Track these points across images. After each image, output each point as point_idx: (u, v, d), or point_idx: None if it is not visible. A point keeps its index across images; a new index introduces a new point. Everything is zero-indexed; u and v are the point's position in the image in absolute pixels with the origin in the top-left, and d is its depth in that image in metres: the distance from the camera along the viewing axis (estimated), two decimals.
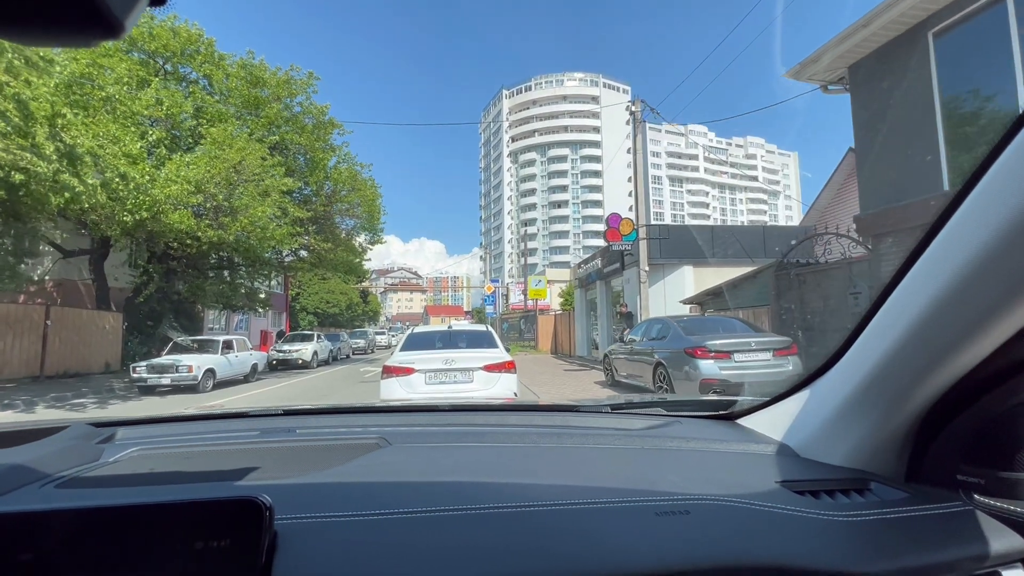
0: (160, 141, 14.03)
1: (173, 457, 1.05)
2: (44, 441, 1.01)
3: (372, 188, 22.97)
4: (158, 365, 12.54)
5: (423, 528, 0.71)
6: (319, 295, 45.41)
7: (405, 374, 5.85)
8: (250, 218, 13.78)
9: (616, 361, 11.28)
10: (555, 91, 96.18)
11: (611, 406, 1.58)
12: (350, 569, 0.63)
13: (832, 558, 0.69)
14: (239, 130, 15.44)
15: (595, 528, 0.72)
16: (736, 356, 7.72)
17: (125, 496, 0.78)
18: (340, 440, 1.17)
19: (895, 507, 0.80)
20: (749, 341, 7.87)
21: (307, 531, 0.68)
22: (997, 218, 0.59)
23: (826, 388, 0.99)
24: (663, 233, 14.95)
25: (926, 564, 0.70)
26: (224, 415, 1.56)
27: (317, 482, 0.86)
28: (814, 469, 0.95)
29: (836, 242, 8.88)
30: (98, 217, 11.99)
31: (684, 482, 0.87)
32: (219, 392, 12.82)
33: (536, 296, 29.64)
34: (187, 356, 13.20)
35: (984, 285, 0.63)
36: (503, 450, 1.13)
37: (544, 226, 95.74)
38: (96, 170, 9.79)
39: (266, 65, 17.81)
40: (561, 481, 0.88)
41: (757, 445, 1.11)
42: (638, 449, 1.13)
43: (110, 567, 0.56)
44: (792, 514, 0.78)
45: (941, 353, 0.72)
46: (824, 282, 8.89)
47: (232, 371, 14.41)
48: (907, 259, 0.74)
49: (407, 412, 1.66)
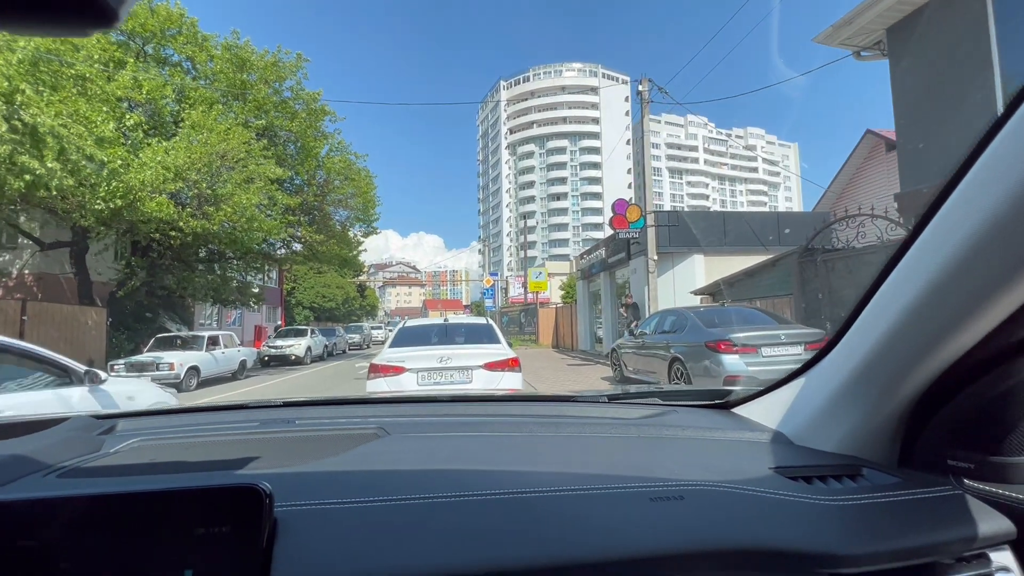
0: (138, 126, 13.17)
1: (173, 447, 1.07)
2: (45, 432, 1.03)
3: (367, 179, 22.18)
4: (137, 363, 11.82)
5: (422, 514, 0.70)
6: (315, 289, 44.71)
7: (395, 373, 5.15)
8: (234, 206, 12.96)
9: (625, 356, 10.56)
10: (553, 82, 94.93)
11: (608, 396, 1.57)
12: (350, 554, 0.62)
13: (825, 541, 0.70)
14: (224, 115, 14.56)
15: (590, 513, 0.73)
16: (764, 350, 6.97)
17: (126, 484, 0.76)
18: (339, 430, 1.19)
19: (887, 491, 0.81)
20: (778, 334, 7.12)
21: (307, 517, 0.68)
22: (986, 206, 0.59)
23: (820, 376, 0.99)
24: (672, 220, 14.14)
25: (917, 546, 0.71)
26: (223, 407, 1.56)
27: (316, 471, 0.86)
28: (807, 456, 0.96)
29: (872, 224, 8.11)
30: (69, 205, 11.19)
31: (679, 469, 0.88)
32: (203, 391, 12.11)
33: (537, 289, 28.94)
34: (169, 353, 12.46)
35: (974, 273, 0.63)
36: (501, 439, 1.13)
37: (543, 219, 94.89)
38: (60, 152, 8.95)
39: (252, 47, 16.91)
40: (558, 468, 0.88)
41: (751, 433, 1.12)
42: (634, 437, 1.14)
43: (112, 553, 0.56)
44: (785, 499, 0.78)
45: (933, 340, 0.73)
46: (857, 268, 8.09)
47: (218, 368, 13.72)
48: (900, 247, 0.74)
49: (405, 403, 1.71)
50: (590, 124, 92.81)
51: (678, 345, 8.22)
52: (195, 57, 16.31)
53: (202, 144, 12.66)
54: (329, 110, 19.21)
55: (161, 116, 14.81)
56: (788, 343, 7.06)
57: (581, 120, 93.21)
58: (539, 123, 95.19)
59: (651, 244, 13.46)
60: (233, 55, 16.43)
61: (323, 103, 18.80)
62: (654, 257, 13.54)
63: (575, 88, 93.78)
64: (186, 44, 16.07)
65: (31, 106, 8.58)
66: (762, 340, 7.04)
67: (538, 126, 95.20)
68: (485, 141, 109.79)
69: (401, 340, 5.93)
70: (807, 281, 9.45)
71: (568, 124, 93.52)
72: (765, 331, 7.28)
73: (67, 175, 9.52)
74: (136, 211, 11.69)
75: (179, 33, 16.03)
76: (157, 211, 11.95)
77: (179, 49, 16.10)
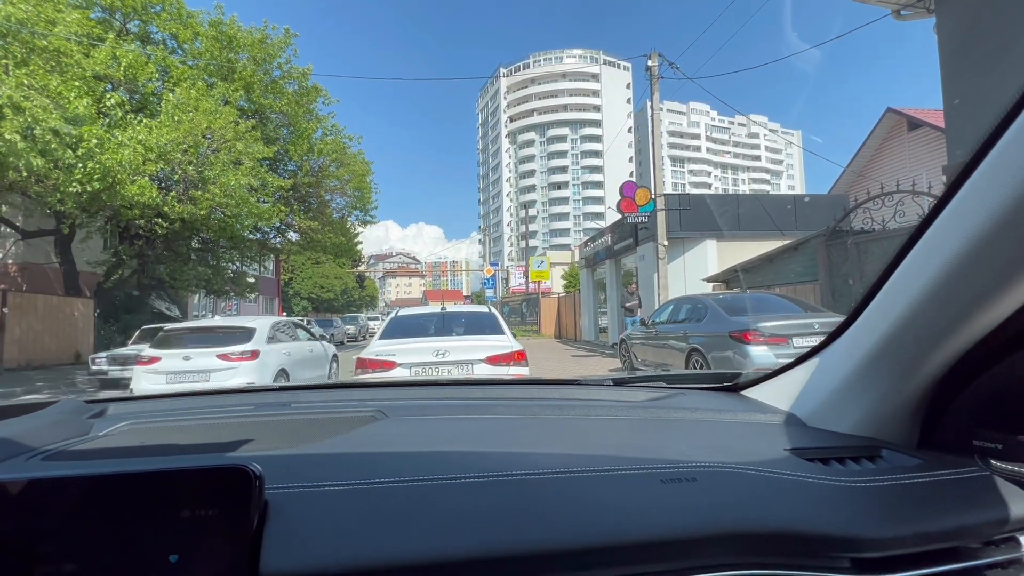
0: (119, 105, 12.42)
1: (164, 430, 1.05)
2: (32, 415, 1.01)
3: (362, 163, 21.45)
4: (120, 356, 11.17)
5: (422, 496, 0.68)
6: (313, 279, 44.14)
7: (384, 369, 4.63)
8: (222, 187, 12.24)
9: (635, 347, 9.93)
10: (554, 68, 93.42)
11: (613, 380, 1.52)
12: (345, 536, 0.60)
13: (846, 524, 0.67)
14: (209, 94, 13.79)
15: (600, 495, 0.70)
16: (795, 341, 6.32)
17: (111, 466, 0.70)
18: (335, 413, 1.17)
19: (909, 473, 0.78)
20: (811, 323, 6.45)
21: (299, 500, 0.66)
22: (1013, 179, 0.57)
23: (835, 356, 0.97)
24: (684, 203, 13.41)
25: (943, 529, 0.69)
26: (218, 391, 1.57)
27: (310, 453, 0.84)
28: (823, 437, 0.93)
29: (913, 202, 7.38)
30: (43, 189, 10.49)
31: (689, 450, 0.85)
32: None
33: (539, 278, 28.31)
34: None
35: (1000, 248, 0.61)
36: (504, 422, 1.10)
37: (544, 208, 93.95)
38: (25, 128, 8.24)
39: (239, 24, 16.08)
40: (564, 450, 0.86)
41: (763, 415, 1.09)
42: (642, 419, 1.12)
43: (95, 536, 0.54)
44: (802, 480, 0.75)
45: (956, 319, 0.71)
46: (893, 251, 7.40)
47: None
48: (921, 224, 0.72)
49: (404, 387, 1.73)
50: (591, 112, 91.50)
51: (697, 335, 7.57)
52: (179, 35, 15.50)
53: (187, 123, 11.91)
54: (321, 88, 18.45)
55: (144, 95, 14.04)
56: (822, 332, 6.40)
57: (582, 108, 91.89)
58: (539, 111, 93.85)
59: (661, 229, 12.76)
60: (219, 32, 15.62)
61: (314, 83, 18.04)
62: (664, 243, 12.86)
63: (576, 75, 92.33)
64: (169, 21, 15.25)
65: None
66: (793, 329, 6.39)
67: (538, 114, 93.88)
68: (485, 130, 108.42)
69: (393, 331, 5.38)
70: (835, 266, 8.75)
71: (569, 112, 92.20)
72: (796, 320, 6.63)
73: (36, 154, 8.81)
74: (116, 195, 10.99)
75: (162, 10, 15.22)
76: (139, 195, 11.24)
77: (162, 26, 15.29)
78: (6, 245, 17.21)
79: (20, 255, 17.51)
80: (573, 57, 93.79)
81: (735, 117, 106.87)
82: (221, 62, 15.52)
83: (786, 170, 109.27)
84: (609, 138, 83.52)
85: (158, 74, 14.40)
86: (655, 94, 12.84)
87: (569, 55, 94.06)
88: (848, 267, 8.47)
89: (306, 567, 0.57)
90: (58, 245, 16.30)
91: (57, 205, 11.15)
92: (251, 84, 16.06)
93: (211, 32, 15.63)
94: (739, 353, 6.54)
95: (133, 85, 13.12)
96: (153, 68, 13.77)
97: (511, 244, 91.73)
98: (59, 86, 9.74)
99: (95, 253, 17.53)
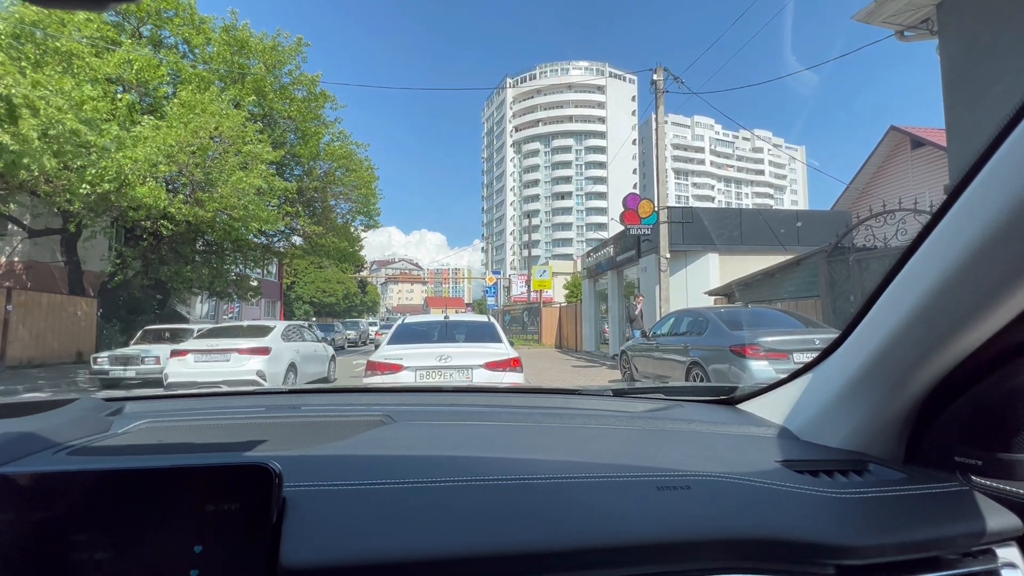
0: (130, 107, 12.57)
1: (182, 429, 1.08)
2: (53, 412, 1.03)
3: (368, 170, 21.62)
4: (122, 356, 11.24)
5: (429, 497, 0.71)
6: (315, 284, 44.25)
7: (392, 372, 5.02)
8: (230, 188, 12.35)
9: (636, 358, 9.94)
10: (560, 79, 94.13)
11: (613, 391, 1.58)
12: (359, 533, 0.64)
13: (831, 532, 0.70)
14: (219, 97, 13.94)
15: (598, 500, 0.73)
16: (796, 356, 6.34)
17: (137, 462, 0.72)
18: (344, 416, 1.20)
19: (893, 486, 0.81)
20: (812, 338, 6.47)
21: (315, 497, 0.69)
22: (996, 206, 0.60)
23: (827, 373, 1.00)
24: (686, 216, 13.47)
25: (923, 540, 0.72)
26: (230, 393, 1.58)
27: (323, 454, 0.87)
28: (813, 450, 0.97)
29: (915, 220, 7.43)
30: (52, 188, 10.59)
31: (685, 460, 0.88)
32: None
33: (541, 287, 28.30)
34: (156, 346, 11.85)
35: (984, 271, 0.64)
36: (507, 428, 1.13)
37: (547, 218, 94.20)
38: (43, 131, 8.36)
39: (251, 30, 16.31)
40: (565, 457, 0.88)
41: (757, 428, 1.12)
42: (640, 429, 1.15)
43: (122, 528, 0.57)
44: (791, 491, 0.79)
45: (941, 338, 0.74)
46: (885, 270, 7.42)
47: None
48: (911, 245, 0.74)
49: (411, 392, 1.80)
50: (596, 123, 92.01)
51: (697, 349, 7.59)
52: (192, 40, 15.71)
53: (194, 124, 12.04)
54: (330, 94, 18.68)
55: (156, 98, 14.21)
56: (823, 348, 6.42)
57: (587, 119, 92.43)
58: (544, 121, 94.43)
59: (663, 241, 12.81)
60: (231, 37, 15.84)
61: (322, 88, 18.23)
62: (666, 255, 12.89)
63: (582, 86, 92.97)
64: (182, 26, 15.47)
65: (6, 76, 7.99)
66: (794, 345, 6.40)
67: (543, 124, 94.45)
68: (490, 139, 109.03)
69: (400, 337, 5.72)
70: (837, 282, 8.79)
71: (574, 123, 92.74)
72: (797, 335, 6.66)
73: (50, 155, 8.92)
74: (125, 196, 11.09)
75: (176, 15, 15.44)
76: (148, 196, 11.35)
77: (175, 31, 15.51)
78: (13, 243, 17.31)
79: (26, 253, 17.61)
80: (579, 69, 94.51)
81: (739, 131, 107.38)
82: (232, 66, 15.71)
83: (789, 185, 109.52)
84: (613, 149, 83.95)
85: (169, 78, 14.58)
86: (660, 107, 12.95)
87: (575, 67, 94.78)
88: (849, 283, 8.51)
89: (324, 560, 0.60)
90: (64, 244, 16.41)
91: (65, 205, 11.26)
92: (261, 88, 16.25)
93: (223, 37, 15.84)
94: (739, 367, 6.55)
95: (145, 88, 13.28)
96: (165, 71, 13.95)
97: (513, 253, 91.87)
98: (73, 88, 9.88)
99: (100, 253, 17.65)
